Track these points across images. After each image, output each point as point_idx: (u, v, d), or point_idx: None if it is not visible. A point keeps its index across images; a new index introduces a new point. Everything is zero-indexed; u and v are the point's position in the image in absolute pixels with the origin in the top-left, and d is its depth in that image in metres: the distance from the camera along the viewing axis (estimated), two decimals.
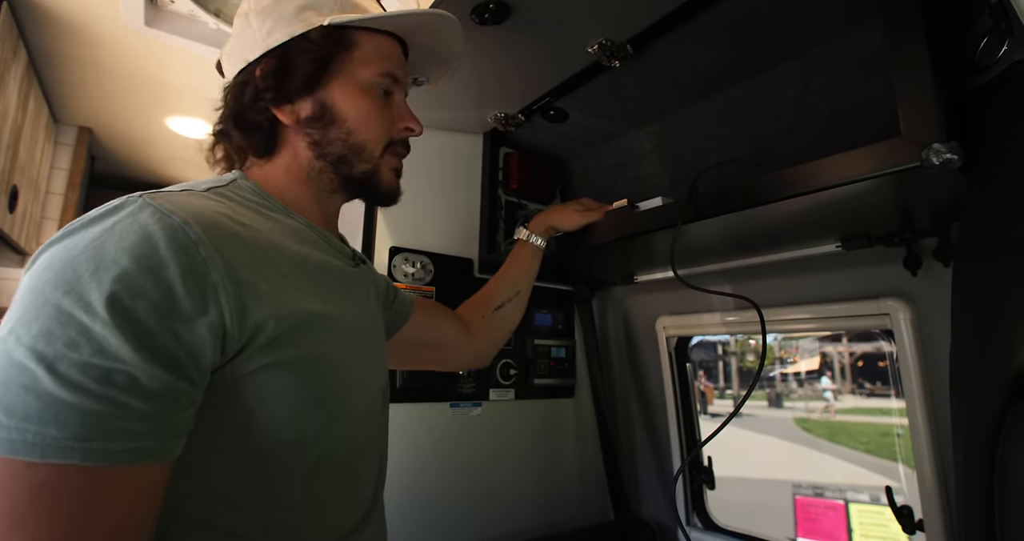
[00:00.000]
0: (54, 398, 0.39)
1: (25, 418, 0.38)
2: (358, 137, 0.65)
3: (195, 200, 0.53)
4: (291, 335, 0.51)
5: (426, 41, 0.74)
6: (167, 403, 0.43)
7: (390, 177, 0.70)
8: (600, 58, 1.03)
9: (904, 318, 1.01)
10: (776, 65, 1.05)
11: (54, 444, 0.38)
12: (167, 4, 1.12)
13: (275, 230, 0.59)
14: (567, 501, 1.51)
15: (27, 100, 1.34)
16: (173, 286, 0.44)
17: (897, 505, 1.03)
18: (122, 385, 0.40)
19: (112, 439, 0.40)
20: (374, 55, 0.66)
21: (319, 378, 0.54)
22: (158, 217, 0.46)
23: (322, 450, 0.56)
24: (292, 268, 0.56)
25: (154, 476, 0.43)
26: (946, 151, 0.60)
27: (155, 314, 0.42)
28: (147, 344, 0.42)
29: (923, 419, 1.00)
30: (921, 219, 0.91)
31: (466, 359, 1.06)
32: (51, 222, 1.70)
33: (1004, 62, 0.61)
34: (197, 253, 0.46)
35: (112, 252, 0.43)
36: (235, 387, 0.49)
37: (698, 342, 1.52)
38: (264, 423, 0.50)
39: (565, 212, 1.10)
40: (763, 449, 8.08)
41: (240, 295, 0.47)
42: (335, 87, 0.65)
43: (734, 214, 0.86)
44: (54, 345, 0.40)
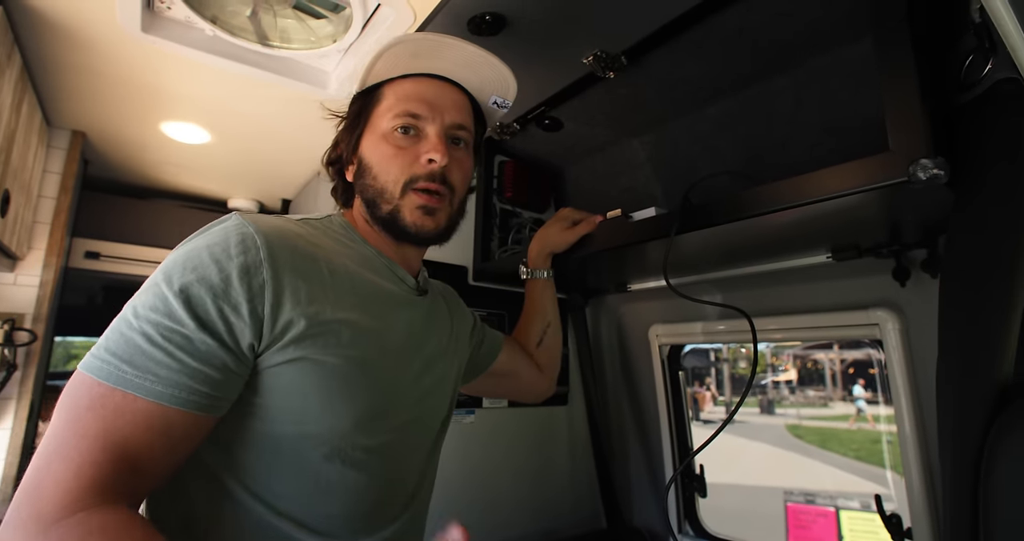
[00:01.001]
0: (134, 343, 0.54)
1: (114, 354, 0.53)
2: (380, 181, 0.73)
3: (280, 222, 0.66)
4: (318, 336, 0.60)
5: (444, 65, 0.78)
6: (210, 366, 0.55)
7: (415, 215, 0.73)
8: (595, 69, 1.05)
9: (893, 328, 1.02)
10: (769, 78, 1.06)
11: (123, 375, 0.53)
12: (164, 10, 1.12)
13: (342, 253, 0.70)
14: (560, 509, 1.51)
15: (21, 104, 1.33)
16: (231, 278, 0.57)
17: (886, 513, 1.04)
18: (179, 343, 0.54)
19: (161, 382, 0.53)
20: (392, 102, 0.75)
21: (337, 379, 0.62)
22: (239, 228, 0.61)
23: (332, 449, 0.63)
24: (338, 281, 0.65)
25: (183, 421, 0.54)
26: (933, 167, 0.62)
27: (212, 295, 0.56)
28: (201, 317, 0.55)
29: (911, 427, 1.01)
30: (909, 231, 0.92)
31: (539, 389, 1.12)
32: (43, 226, 1.68)
33: (988, 80, 0.63)
34: (256, 255, 0.59)
35: (198, 249, 0.59)
36: (265, 376, 0.59)
37: (691, 349, 1.53)
38: (283, 411, 0.60)
39: (553, 233, 1.10)
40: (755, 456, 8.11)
41: (280, 293, 0.59)
42: (365, 141, 0.76)
43: (726, 225, 0.87)
44: (144, 307, 0.55)
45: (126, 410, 0.52)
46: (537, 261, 1.12)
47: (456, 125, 0.76)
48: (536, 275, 1.12)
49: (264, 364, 0.59)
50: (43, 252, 1.67)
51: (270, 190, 2.20)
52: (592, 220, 1.08)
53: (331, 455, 0.63)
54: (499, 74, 0.82)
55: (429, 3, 0.93)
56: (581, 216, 1.10)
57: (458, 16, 0.92)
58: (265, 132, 1.64)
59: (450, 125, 0.75)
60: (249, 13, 1.12)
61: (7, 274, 1.63)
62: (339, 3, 1.10)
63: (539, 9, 0.91)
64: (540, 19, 0.93)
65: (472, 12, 0.91)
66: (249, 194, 2.30)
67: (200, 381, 0.54)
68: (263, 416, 0.61)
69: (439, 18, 0.94)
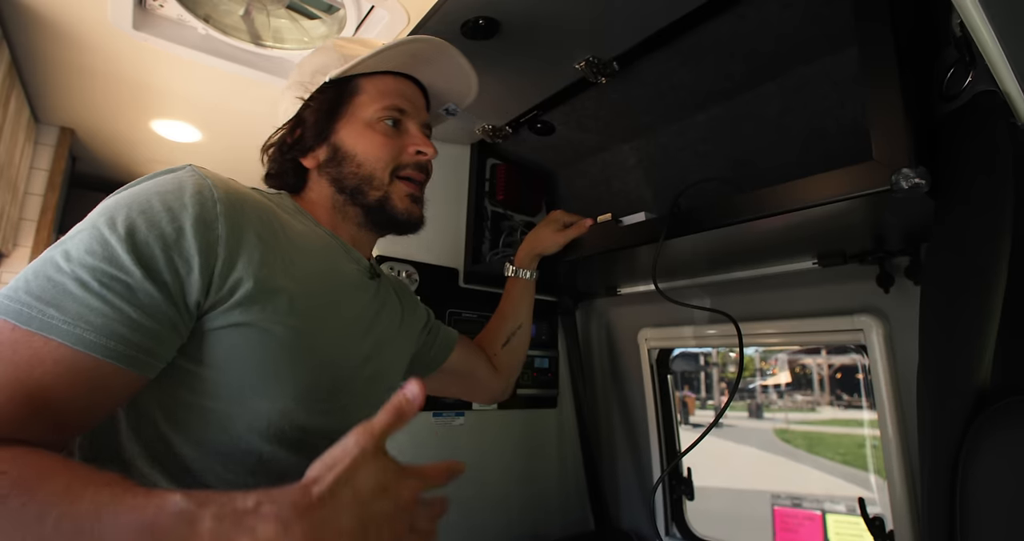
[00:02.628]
0: (64, 288, 0.48)
1: (38, 299, 0.48)
2: (367, 168, 0.74)
3: (236, 183, 0.63)
4: (266, 301, 0.57)
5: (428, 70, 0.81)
6: (151, 319, 0.51)
7: (405, 202, 0.75)
8: (587, 74, 1.06)
9: (877, 333, 1.04)
10: (757, 85, 1.08)
11: (48, 321, 0.47)
12: (156, 8, 1.12)
13: (296, 226, 0.68)
14: (548, 511, 1.52)
15: (8, 100, 1.32)
16: (183, 226, 0.53)
17: (870, 516, 1.06)
18: (119, 291, 0.49)
19: (93, 331, 0.48)
20: (375, 95, 0.76)
21: (280, 350, 0.59)
22: (196, 178, 0.57)
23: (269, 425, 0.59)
24: (292, 250, 0.63)
25: (113, 377, 0.50)
26: (915, 176, 0.63)
27: (162, 244, 0.52)
28: (148, 265, 0.51)
29: (894, 432, 1.02)
30: (893, 238, 0.94)
31: (494, 391, 1.11)
32: (29, 223, 1.67)
33: (969, 92, 0.64)
34: (213, 208, 0.56)
35: (147, 193, 0.55)
36: (205, 341, 0.56)
37: (680, 353, 1.54)
38: (220, 382, 0.57)
39: (544, 235, 1.10)
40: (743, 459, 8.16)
41: (235, 251, 0.56)
42: (343, 129, 0.75)
43: (715, 231, 0.88)
44: (79, 250, 0.50)
45: (46, 357, 0.47)
46: (524, 261, 1.12)
47: (426, 124, 0.82)
48: (520, 274, 1.12)
49: (206, 326, 0.55)
50: (29, 250, 1.65)
51: None
52: (583, 224, 1.08)
53: (266, 433, 0.59)
54: (469, 87, 0.86)
55: (423, 6, 0.94)
56: (572, 219, 1.11)
57: (452, 20, 0.93)
58: (256, 131, 1.63)
59: (423, 123, 0.80)
60: (242, 12, 1.12)
61: None
62: (333, 4, 1.10)
63: (532, 14, 0.91)
64: (533, 24, 0.94)
65: (466, 16, 0.92)
66: None
67: (140, 334, 0.50)
68: (197, 387, 0.57)
69: (433, 21, 0.95)
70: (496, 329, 1.11)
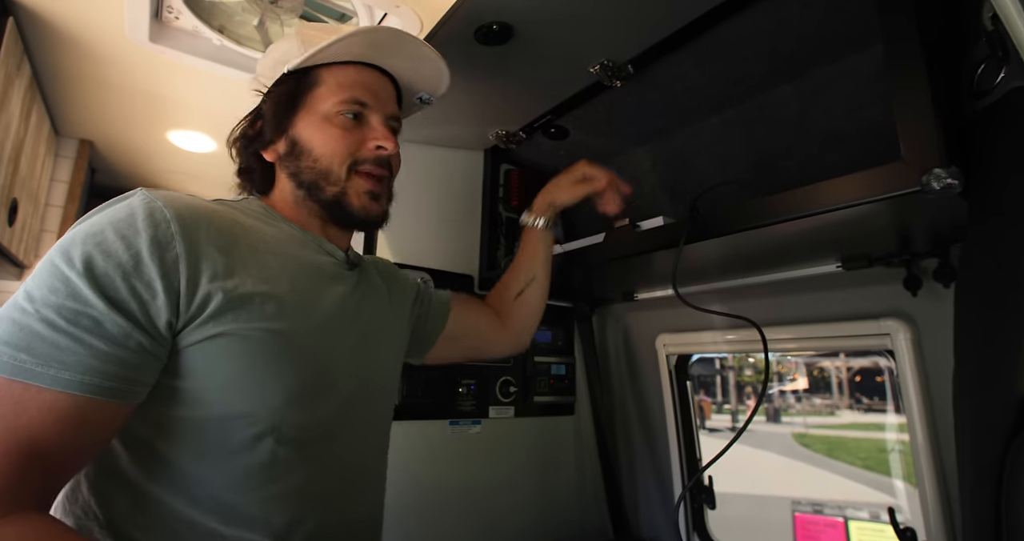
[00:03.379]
0: (31, 330, 0.48)
1: (7, 344, 0.48)
2: (323, 163, 0.71)
3: (191, 198, 0.62)
4: (239, 309, 0.57)
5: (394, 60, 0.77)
6: (124, 349, 0.51)
7: (362, 199, 0.72)
8: (601, 78, 1.05)
9: (904, 338, 1.01)
10: (775, 87, 1.06)
11: (21, 366, 0.47)
12: (172, 20, 1.13)
13: (261, 229, 0.66)
14: (566, 519, 1.50)
15: (29, 114, 1.34)
16: (140, 252, 0.53)
17: (900, 526, 1.02)
18: (86, 326, 0.49)
19: (68, 369, 0.48)
20: (335, 87, 0.72)
21: (262, 353, 0.58)
22: (146, 201, 0.57)
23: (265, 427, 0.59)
24: (257, 253, 0.62)
25: (98, 411, 0.50)
26: (947, 176, 0.61)
27: (121, 273, 0.51)
28: (111, 296, 0.50)
29: (924, 438, 0.99)
30: (921, 240, 0.91)
31: (505, 345, 1.08)
32: (50, 235, 1.69)
33: (1002, 88, 0.62)
34: (168, 228, 0.55)
35: (100, 224, 0.54)
36: (185, 356, 0.55)
37: (696, 358, 1.52)
38: (207, 392, 0.56)
39: (562, 184, 1.04)
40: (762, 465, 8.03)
41: (196, 267, 0.55)
42: (301, 122, 0.72)
43: (735, 235, 0.86)
44: (41, 289, 0.50)
45: (29, 404, 0.47)
46: (539, 210, 1.06)
47: (393, 116, 0.77)
48: (534, 223, 1.06)
49: (183, 343, 0.55)
50: None
51: None
52: (600, 180, 1.00)
53: (263, 435, 0.59)
54: (439, 73, 0.82)
55: (436, 12, 0.94)
56: (595, 172, 1.03)
57: (466, 25, 0.93)
58: None
59: (389, 116, 0.76)
60: (256, 23, 1.13)
61: (14, 282, 1.63)
62: (346, 12, 1.10)
63: (546, 18, 0.91)
64: (547, 28, 0.93)
65: (480, 21, 0.91)
66: None
67: (115, 365, 0.50)
68: (184, 400, 0.56)
69: (446, 27, 0.95)
70: (508, 281, 1.08)
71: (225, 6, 1.10)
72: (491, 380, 1.38)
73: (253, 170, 0.76)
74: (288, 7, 1.08)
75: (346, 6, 1.08)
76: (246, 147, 0.76)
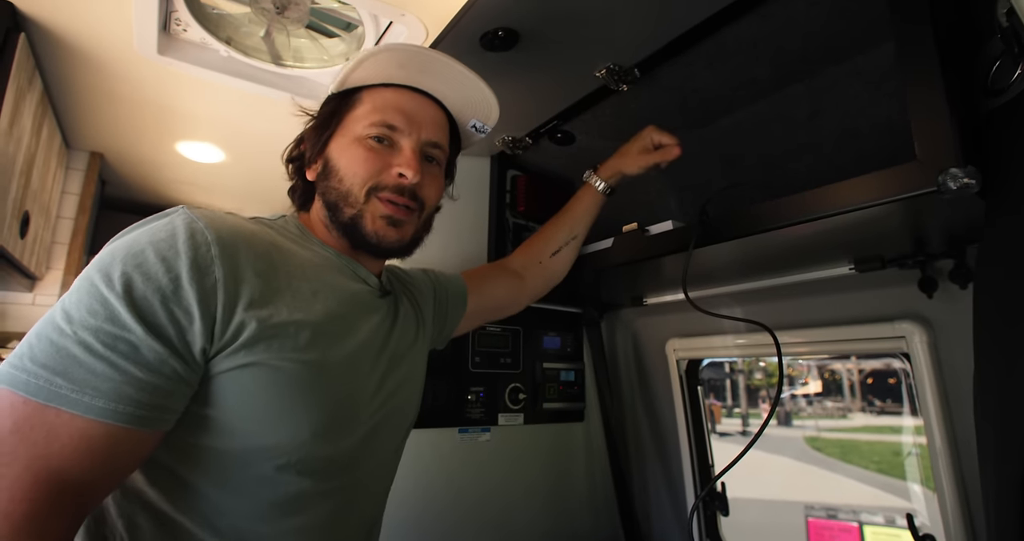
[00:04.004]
0: (68, 353, 0.47)
1: (44, 366, 0.47)
2: (345, 184, 0.70)
3: (231, 218, 0.61)
4: (272, 338, 0.56)
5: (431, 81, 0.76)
6: (159, 376, 0.50)
7: (376, 224, 0.69)
8: (608, 82, 1.04)
9: (920, 341, 0.99)
10: (784, 87, 1.05)
11: (57, 391, 0.46)
12: (179, 33, 1.14)
13: (298, 253, 0.65)
14: (577, 527, 1.48)
15: (41, 127, 1.36)
16: (180, 276, 0.52)
17: (919, 533, 1.00)
18: (123, 352, 0.48)
19: (103, 397, 0.47)
20: (371, 109, 0.72)
21: (291, 385, 0.57)
22: (187, 221, 0.56)
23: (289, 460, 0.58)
24: (294, 280, 0.61)
25: (129, 440, 0.49)
26: (963, 176, 0.60)
27: (160, 297, 0.50)
28: (149, 321, 0.49)
29: (942, 442, 0.97)
30: (935, 241, 0.90)
31: (521, 305, 1.09)
32: (61, 247, 1.70)
33: (1018, 86, 0.61)
34: (208, 252, 0.54)
35: (141, 244, 0.53)
36: (214, 383, 0.54)
37: (707, 362, 1.50)
38: (233, 423, 0.55)
39: (629, 152, 1.03)
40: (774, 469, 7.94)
41: (234, 294, 0.54)
42: (334, 143, 0.73)
43: (746, 238, 0.85)
44: (80, 310, 0.49)
45: (61, 432, 0.46)
46: (605, 173, 1.06)
47: (432, 143, 0.74)
48: (596, 184, 1.06)
49: (213, 370, 0.54)
50: (61, 272, 1.69)
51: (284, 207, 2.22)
52: (670, 151, 0.99)
53: (286, 467, 0.58)
54: (483, 97, 0.80)
55: (442, 20, 0.94)
56: (662, 139, 1.01)
57: (471, 32, 0.93)
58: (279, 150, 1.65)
59: (426, 142, 0.74)
60: (263, 34, 1.13)
61: (26, 294, 1.64)
62: (351, 22, 1.11)
63: (552, 24, 0.90)
64: (553, 34, 0.93)
65: (485, 28, 0.91)
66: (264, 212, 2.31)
67: (148, 393, 0.49)
68: (209, 428, 0.55)
69: (452, 34, 0.95)
70: (551, 237, 1.07)
71: (232, 18, 1.11)
72: (500, 387, 1.38)
73: (297, 188, 0.77)
74: (294, 18, 1.09)
75: (352, 15, 1.08)
76: (293, 166, 0.78)
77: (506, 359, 1.40)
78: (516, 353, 1.42)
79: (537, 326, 1.48)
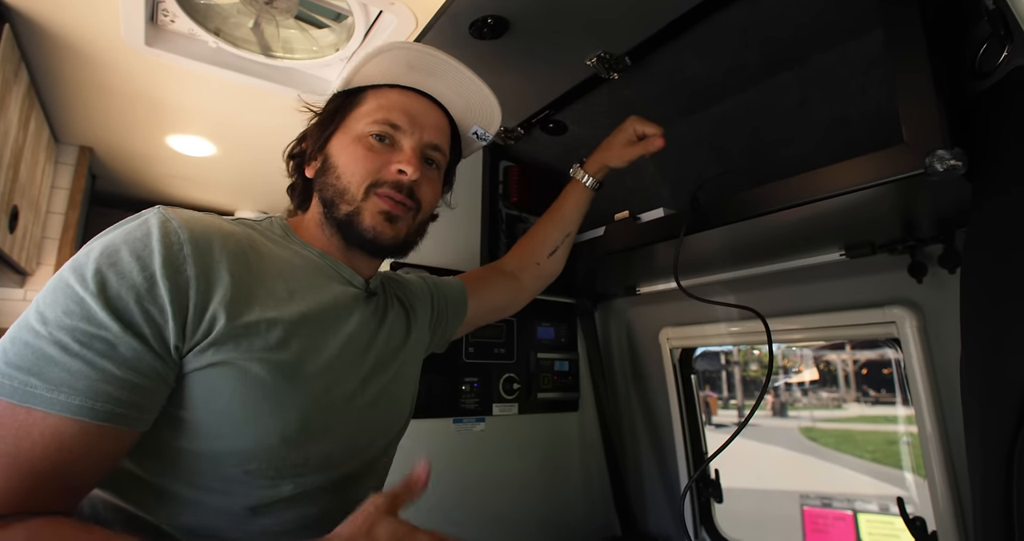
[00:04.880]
0: (44, 353, 0.47)
1: (18, 368, 0.47)
2: (343, 181, 0.70)
3: (209, 218, 0.61)
4: (241, 337, 0.56)
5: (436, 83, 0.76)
6: (136, 374, 0.50)
7: (375, 219, 0.69)
8: (599, 71, 1.04)
9: (911, 326, 1.00)
10: (775, 75, 1.05)
11: (31, 391, 0.46)
12: (167, 24, 1.13)
13: (277, 254, 0.65)
14: (572, 516, 1.49)
15: (28, 121, 1.34)
16: (154, 274, 0.52)
17: (909, 516, 1.01)
18: (100, 349, 0.48)
19: (79, 395, 0.47)
20: (374, 108, 0.73)
21: (259, 387, 0.57)
22: (161, 221, 0.56)
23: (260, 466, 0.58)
24: (270, 280, 0.61)
25: (106, 438, 0.49)
26: (950, 158, 0.60)
27: (135, 295, 0.51)
28: (124, 319, 0.50)
29: (933, 428, 0.98)
30: (925, 226, 0.91)
31: (519, 306, 1.10)
32: (51, 242, 1.69)
33: (1004, 68, 0.61)
34: (181, 250, 0.54)
35: (115, 243, 0.53)
36: (185, 383, 0.54)
37: (702, 352, 1.51)
38: (201, 424, 0.55)
39: (613, 145, 1.02)
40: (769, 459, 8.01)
41: (206, 292, 0.54)
42: (335, 140, 0.73)
43: (737, 224, 0.86)
44: (55, 310, 0.49)
45: (32, 430, 0.46)
46: (591, 167, 1.06)
47: (432, 145, 0.74)
48: (583, 179, 1.06)
49: (184, 368, 0.54)
50: (52, 268, 1.68)
51: (276, 201, 2.21)
52: (653, 142, 0.98)
53: (256, 471, 0.58)
54: (488, 103, 0.80)
55: (430, 8, 0.93)
56: (645, 130, 1.00)
57: (460, 20, 0.92)
58: (270, 143, 1.65)
59: (427, 144, 0.74)
60: (252, 24, 1.12)
61: (16, 290, 1.64)
62: (341, 12, 1.10)
63: (541, 11, 0.90)
64: (542, 21, 0.93)
65: (474, 16, 0.91)
66: (256, 205, 2.31)
67: (127, 391, 0.49)
68: (180, 430, 0.55)
69: (441, 23, 0.94)
70: (546, 236, 1.08)
71: (220, 8, 1.10)
72: (494, 377, 1.38)
73: (297, 185, 0.77)
74: (283, 8, 1.08)
75: (341, 6, 1.07)
76: (294, 162, 0.78)
77: (500, 349, 1.40)
78: (510, 343, 1.43)
79: (531, 316, 1.48)
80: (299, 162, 0.77)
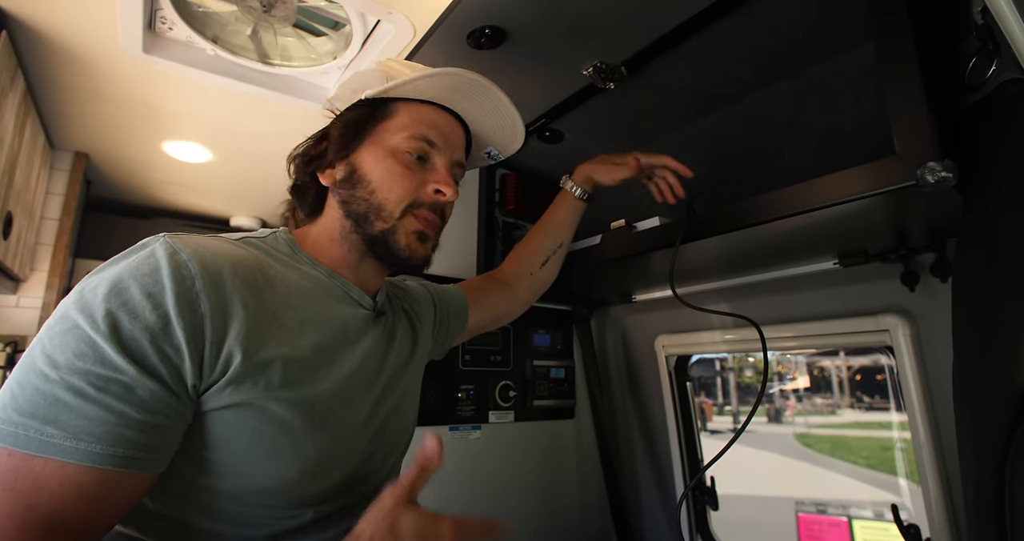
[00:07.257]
0: (58, 399, 0.45)
1: (32, 416, 0.44)
2: (379, 196, 0.68)
3: (216, 243, 0.59)
4: (258, 376, 0.54)
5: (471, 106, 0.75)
6: (155, 415, 0.48)
7: (409, 239, 0.69)
8: (595, 80, 1.05)
9: (903, 334, 1.01)
10: (768, 86, 1.06)
11: (48, 441, 0.44)
12: (165, 31, 1.13)
13: (287, 276, 0.64)
14: (568, 524, 1.49)
15: (24, 126, 1.34)
16: (168, 312, 0.50)
17: (904, 523, 1.02)
18: (117, 393, 0.46)
19: (98, 442, 0.45)
20: (408, 123, 0.71)
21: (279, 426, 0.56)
22: (169, 253, 0.53)
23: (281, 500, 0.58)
24: (281, 309, 0.59)
25: (124, 484, 0.47)
26: (941, 169, 0.61)
27: (149, 336, 0.48)
28: (140, 361, 0.48)
29: (926, 435, 0.99)
30: (917, 235, 0.92)
31: (516, 313, 1.11)
32: (46, 248, 1.68)
33: (993, 82, 0.62)
34: (193, 285, 0.52)
35: (124, 279, 0.50)
36: (203, 422, 0.53)
37: (697, 359, 1.51)
38: (223, 461, 0.54)
39: (603, 163, 1.06)
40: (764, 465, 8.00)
41: (221, 327, 0.53)
42: (365, 151, 0.70)
43: (732, 233, 0.87)
44: (66, 353, 0.46)
45: (50, 480, 0.44)
46: (579, 179, 1.07)
47: (458, 163, 0.75)
48: (573, 190, 1.07)
49: (202, 407, 0.53)
50: (46, 274, 1.67)
51: (272, 208, 2.21)
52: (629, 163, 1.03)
53: (277, 506, 0.58)
54: (515, 128, 0.79)
55: (428, 18, 0.94)
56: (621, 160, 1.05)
57: (458, 30, 0.93)
58: (266, 150, 1.65)
59: (455, 162, 0.74)
60: (250, 32, 1.13)
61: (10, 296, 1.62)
62: (339, 20, 1.11)
63: (539, 21, 0.91)
64: (540, 31, 0.94)
65: (472, 26, 0.91)
66: (251, 212, 2.30)
67: (147, 434, 0.47)
68: (199, 467, 0.54)
69: (439, 32, 0.95)
70: (537, 247, 1.08)
71: (218, 16, 1.11)
72: (490, 385, 1.38)
73: (307, 190, 0.74)
74: (281, 16, 1.09)
75: (339, 14, 1.08)
76: (305, 166, 0.74)
77: (496, 357, 1.40)
78: (506, 351, 1.43)
79: (527, 324, 1.49)
80: (313, 167, 0.73)
